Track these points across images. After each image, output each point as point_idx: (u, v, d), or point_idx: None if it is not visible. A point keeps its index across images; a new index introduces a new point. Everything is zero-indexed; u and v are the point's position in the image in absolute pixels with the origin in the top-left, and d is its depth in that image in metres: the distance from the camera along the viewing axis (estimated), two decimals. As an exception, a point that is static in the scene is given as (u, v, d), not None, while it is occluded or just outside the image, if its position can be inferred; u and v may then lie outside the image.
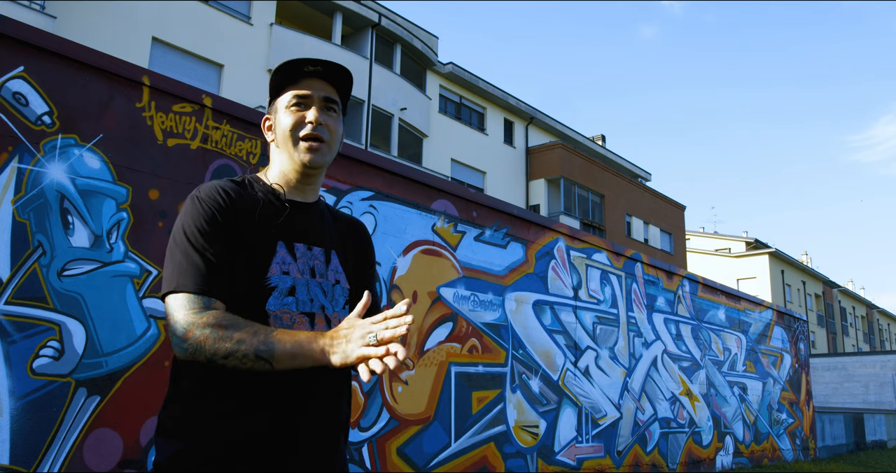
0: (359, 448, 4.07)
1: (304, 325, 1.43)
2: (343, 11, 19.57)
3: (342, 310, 1.53)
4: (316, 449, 1.44)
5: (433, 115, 22.47)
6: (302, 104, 1.50)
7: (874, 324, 54.91)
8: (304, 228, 1.51)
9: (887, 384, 19.88)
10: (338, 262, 1.55)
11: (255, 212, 1.45)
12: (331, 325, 1.47)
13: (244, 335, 1.28)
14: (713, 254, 40.26)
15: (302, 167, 1.50)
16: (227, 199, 1.43)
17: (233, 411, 1.35)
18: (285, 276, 1.43)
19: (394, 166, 4.63)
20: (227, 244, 1.39)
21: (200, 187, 1.46)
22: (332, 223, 1.61)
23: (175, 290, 1.35)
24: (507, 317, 5.33)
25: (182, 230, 1.40)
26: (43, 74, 2.94)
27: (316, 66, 1.51)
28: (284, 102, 1.52)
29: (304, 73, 1.51)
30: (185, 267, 1.36)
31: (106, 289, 3.01)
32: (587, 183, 25.58)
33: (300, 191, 1.54)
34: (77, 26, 13.38)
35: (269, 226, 1.45)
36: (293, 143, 1.49)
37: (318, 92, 1.51)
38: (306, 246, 1.49)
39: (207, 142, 3.52)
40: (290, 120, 1.50)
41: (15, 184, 2.82)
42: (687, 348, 7.99)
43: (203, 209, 1.40)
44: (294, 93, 1.50)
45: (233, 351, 1.27)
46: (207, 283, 1.35)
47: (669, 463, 7.22)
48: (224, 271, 1.37)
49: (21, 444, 2.69)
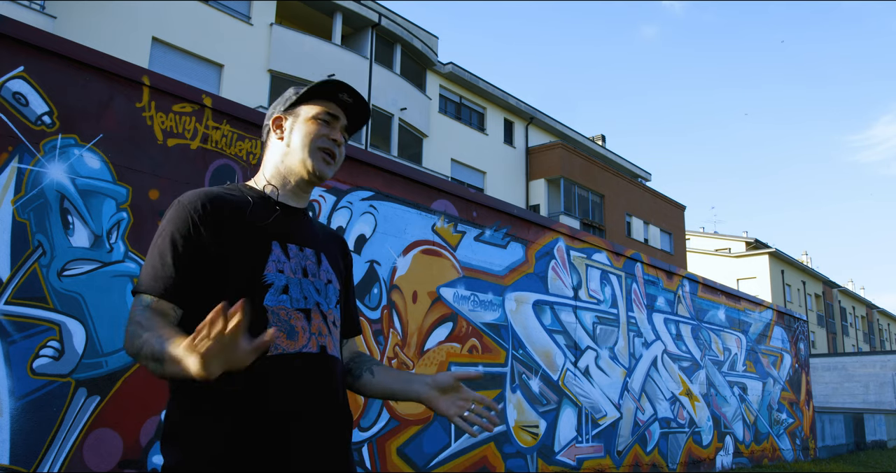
0: (359, 448, 4.07)
1: (299, 321, 1.44)
2: (343, 11, 19.57)
3: (335, 308, 1.56)
4: (322, 448, 1.44)
5: (433, 115, 22.47)
6: (327, 122, 1.57)
7: (874, 324, 54.92)
8: (296, 230, 1.54)
9: (887, 384, 19.88)
10: (328, 264, 1.58)
11: (244, 213, 1.47)
12: (326, 321, 1.50)
13: (151, 335, 1.27)
14: (713, 254, 40.27)
15: (310, 175, 1.55)
16: (209, 205, 1.44)
17: (232, 412, 1.35)
18: (280, 275, 1.45)
19: (394, 166, 4.63)
20: (206, 250, 1.40)
21: (186, 193, 1.48)
22: (318, 229, 1.66)
23: (136, 290, 1.39)
24: (507, 317, 5.33)
25: (160, 233, 1.43)
26: (43, 74, 2.94)
27: (349, 99, 1.60)
28: (312, 112, 1.57)
29: (334, 97, 1.59)
30: (148, 270, 1.40)
31: (106, 289, 3.01)
32: (587, 183, 25.58)
33: (294, 196, 1.58)
34: (77, 26, 13.38)
35: (261, 226, 1.47)
36: (310, 151, 1.54)
37: (343, 119, 1.61)
38: (298, 247, 1.52)
39: (207, 142, 3.52)
40: (316, 128, 1.56)
41: (15, 184, 2.82)
42: (687, 348, 7.99)
43: (182, 215, 1.42)
44: (326, 110, 1.57)
45: (139, 348, 1.27)
46: (163, 286, 1.37)
47: (669, 463, 7.22)
48: (189, 277, 1.39)
49: (21, 444, 2.69)
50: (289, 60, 17.62)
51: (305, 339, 1.44)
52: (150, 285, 1.38)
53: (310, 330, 1.46)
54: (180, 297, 1.39)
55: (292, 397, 1.39)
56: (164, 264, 1.39)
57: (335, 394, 1.49)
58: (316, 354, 1.45)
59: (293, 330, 1.43)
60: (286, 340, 1.41)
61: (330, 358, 1.49)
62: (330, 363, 1.48)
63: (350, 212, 4.29)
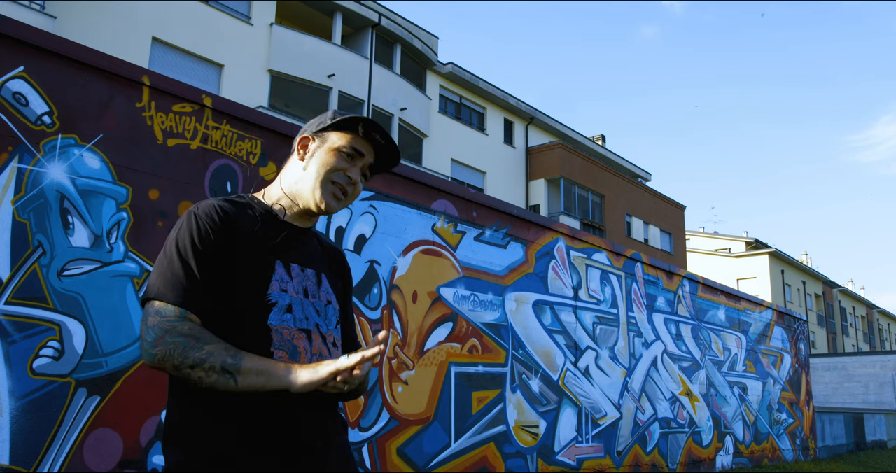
0: (359, 448, 4.07)
1: (302, 341, 1.46)
2: (343, 11, 19.56)
3: (335, 329, 1.57)
4: (322, 447, 1.45)
5: (433, 115, 22.47)
6: (351, 157, 1.55)
7: (874, 324, 54.91)
8: (299, 250, 1.55)
9: (887, 384, 19.89)
10: (328, 285, 1.60)
11: (253, 231, 1.48)
12: (326, 342, 1.52)
13: (215, 347, 1.32)
14: (713, 254, 40.27)
15: (316, 206, 1.54)
16: (223, 218, 1.45)
17: (232, 412, 1.36)
18: (283, 294, 1.46)
19: (394, 166, 4.62)
20: (218, 263, 1.42)
21: (199, 204, 1.49)
22: (320, 249, 1.66)
23: (155, 298, 1.37)
24: (507, 317, 5.33)
25: (175, 243, 1.43)
26: (43, 74, 2.94)
27: (381, 141, 1.58)
28: (339, 142, 1.55)
29: (370, 135, 1.56)
30: (168, 277, 1.39)
31: (106, 289, 3.01)
32: (587, 183, 25.58)
33: (300, 218, 1.58)
34: (77, 26, 13.38)
35: (267, 246, 1.48)
36: (322, 182, 1.53)
37: (368, 157, 1.58)
38: (300, 268, 1.53)
39: (207, 142, 3.52)
40: (335, 161, 1.53)
41: (15, 184, 2.82)
42: (687, 348, 7.99)
43: (198, 226, 1.43)
44: (354, 145, 1.55)
45: (201, 360, 1.30)
46: (187, 297, 1.37)
47: (669, 463, 7.22)
48: (206, 289, 1.40)
49: (21, 444, 2.69)
50: (289, 60, 17.61)
51: (307, 360, 1.45)
52: (180, 296, 1.37)
53: (311, 351, 1.47)
54: (204, 311, 1.40)
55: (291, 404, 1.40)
56: (184, 277, 1.39)
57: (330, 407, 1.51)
58: None
59: (296, 350, 1.44)
60: (288, 360, 1.42)
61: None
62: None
63: (350, 212, 4.29)
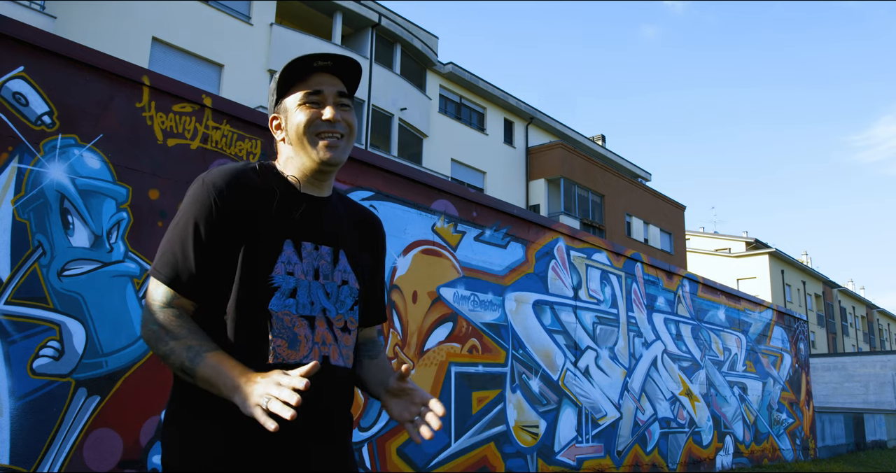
0: (359, 448, 4.07)
1: (303, 328, 1.40)
2: (343, 11, 19.57)
3: (350, 311, 1.50)
4: (323, 446, 1.44)
5: (433, 115, 22.47)
6: (315, 101, 1.46)
7: (874, 324, 54.91)
8: (316, 226, 1.47)
9: (887, 384, 19.88)
10: (346, 262, 1.51)
11: (271, 203, 1.42)
12: (333, 328, 1.45)
13: (178, 345, 1.32)
14: (713, 254, 40.27)
15: (320, 165, 1.46)
16: (232, 192, 1.39)
17: (232, 413, 1.34)
18: (289, 277, 1.40)
19: (394, 166, 4.63)
20: (220, 241, 1.37)
21: (211, 170, 1.41)
22: (344, 218, 1.56)
23: (153, 274, 1.39)
24: (507, 317, 5.33)
25: (184, 214, 1.39)
26: (43, 74, 2.94)
27: (326, 62, 1.47)
28: (296, 101, 1.46)
29: (311, 69, 1.47)
30: (169, 253, 1.38)
31: (106, 289, 3.01)
32: (587, 183, 25.58)
33: (315, 186, 1.50)
34: (77, 26, 13.38)
35: (282, 221, 1.42)
36: (310, 142, 1.45)
37: (330, 87, 1.48)
38: (314, 246, 1.45)
39: (207, 142, 3.52)
40: (304, 117, 1.45)
41: (15, 184, 2.82)
42: (687, 348, 7.99)
43: (204, 199, 1.38)
44: (307, 91, 1.46)
45: (165, 355, 1.34)
46: (181, 278, 1.36)
47: (669, 463, 7.22)
48: (204, 270, 1.37)
49: (21, 444, 2.69)
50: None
51: (307, 349, 1.40)
52: (172, 278, 1.36)
53: (313, 338, 1.41)
54: (199, 293, 1.38)
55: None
56: (186, 256, 1.36)
57: (334, 402, 1.46)
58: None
59: (295, 338, 1.38)
60: (287, 349, 1.37)
61: (332, 369, 1.44)
62: (331, 373, 1.43)
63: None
